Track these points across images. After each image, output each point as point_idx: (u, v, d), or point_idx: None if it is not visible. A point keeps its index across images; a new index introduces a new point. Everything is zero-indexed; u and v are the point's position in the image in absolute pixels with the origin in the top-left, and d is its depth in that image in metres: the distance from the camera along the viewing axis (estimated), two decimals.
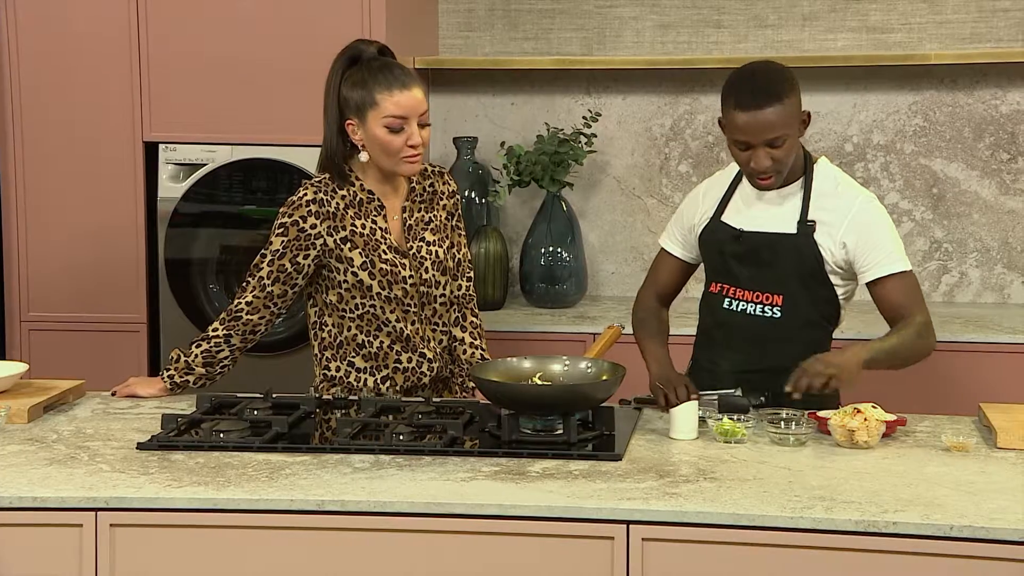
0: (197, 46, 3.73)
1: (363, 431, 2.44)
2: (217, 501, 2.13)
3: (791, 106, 2.54)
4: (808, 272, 2.63)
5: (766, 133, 2.52)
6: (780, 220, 2.64)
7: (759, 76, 2.59)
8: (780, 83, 2.55)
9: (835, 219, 2.61)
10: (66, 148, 3.80)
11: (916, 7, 4.01)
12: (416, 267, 2.70)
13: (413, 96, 2.63)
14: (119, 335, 3.82)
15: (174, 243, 3.79)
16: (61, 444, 2.43)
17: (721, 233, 2.69)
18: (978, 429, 2.53)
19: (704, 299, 2.77)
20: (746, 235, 2.64)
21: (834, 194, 2.64)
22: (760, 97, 2.52)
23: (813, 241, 2.61)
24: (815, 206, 2.62)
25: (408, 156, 2.63)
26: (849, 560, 2.02)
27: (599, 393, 2.46)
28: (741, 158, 2.58)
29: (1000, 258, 4.07)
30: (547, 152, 3.96)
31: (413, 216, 2.74)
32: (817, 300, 2.66)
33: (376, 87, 2.62)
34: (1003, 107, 4.01)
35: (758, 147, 2.54)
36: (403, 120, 2.61)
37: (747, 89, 2.55)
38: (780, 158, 2.56)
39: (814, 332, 2.70)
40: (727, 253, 2.67)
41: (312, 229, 2.66)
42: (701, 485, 2.16)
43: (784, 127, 2.53)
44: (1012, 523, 1.98)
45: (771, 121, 2.51)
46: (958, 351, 3.53)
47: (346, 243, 2.66)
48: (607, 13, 4.15)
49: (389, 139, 2.62)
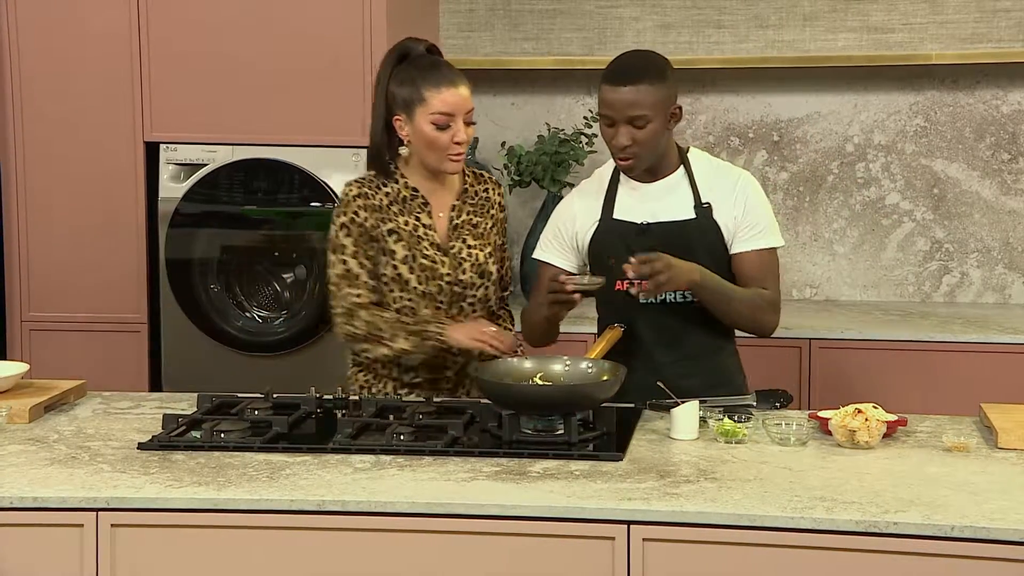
0: (198, 46, 3.73)
1: (364, 431, 2.44)
2: (217, 501, 2.13)
3: (657, 92, 2.61)
4: (714, 252, 2.70)
5: (628, 110, 2.59)
6: (676, 208, 2.70)
7: (632, 58, 2.70)
8: (650, 68, 2.64)
9: (725, 196, 2.70)
10: (67, 148, 3.80)
11: (917, 7, 4.01)
12: (455, 266, 2.74)
13: (460, 94, 2.67)
14: (120, 335, 3.82)
15: (175, 243, 3.79)
16: (62, 444, 2.43)
17: (620, 230, 2.71)
18: (979, 429, 2.53)
19: (609, 302, 2.74)
20: (651, 226, 2.69)
21: (717, 175, 2.73)
22: (627, 75, 2.61)
23: (713, 221, 2.69)
24: (703, 189, 2.70)
25: (453, 153, 2.68)
26: (850, 560, 2.02)
27: (600, 393, 2.46)
28: (605, 135, 2.66)
29: (1001, 258, 4.07)
30: (548, 152, 3.96)
31: (461, 216, 2.78)
32: (725, 276, 2.72)
33: (424, 84, 2.66)
34: (1004, 107, 4.01)
35: (620, 124, 2.61)
36: (450, 117, 2.66)
37: (618, 67, 2.64)
38: (640, 140, 2.62)
39: None
40: (634, 247, 2.67)
41: (365, 222, 2.71)
42: (702, 485, 2.16)
43: (647, 108, 2.59)
44: (1013, 523, 1.98)
45: (633, 99, 2.59)
46: (959, 351, 3.53)
47: (391, 235, 2.71)
48: (608, 13, 4.15)
49: (435, 136, 2.66)
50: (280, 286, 3.85)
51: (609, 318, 2.75)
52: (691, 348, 2.71)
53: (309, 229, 3.79)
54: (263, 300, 3.85)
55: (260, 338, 3.81)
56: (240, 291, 3.83)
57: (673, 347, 2.71)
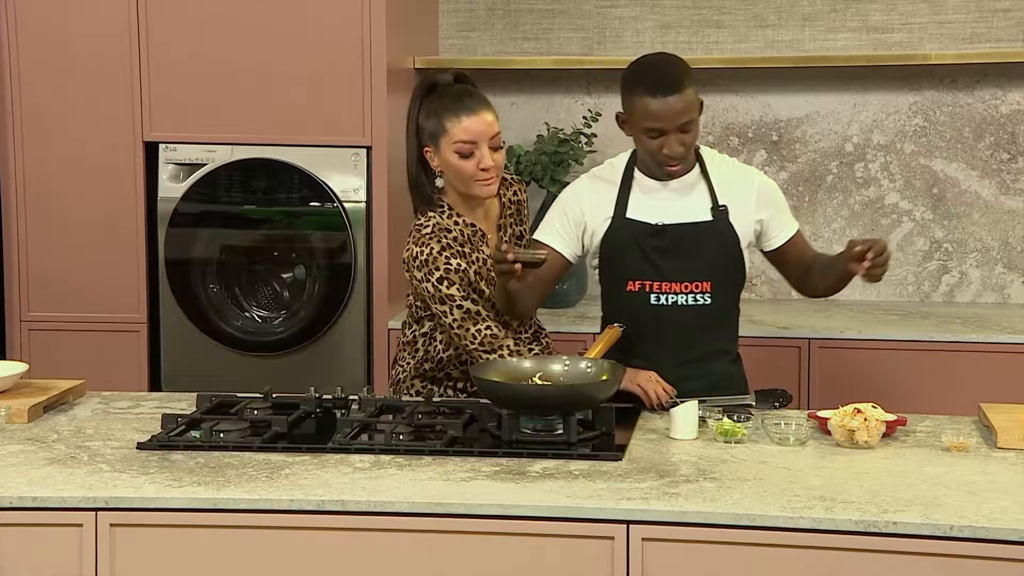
0: (197, 46, 3.73)
1: (363, 431, 2.44)
2: (217, 501, 2.12)
3: (694, 92, 2.64)
4: (729, 255, 2.71)
5: (679, 118, 2.60)
6: (693, 210, 2.70)
7: (664, 65, 2.69)
8: (684, 71, 2.66)
9: (743, 200, 2.71)
10: (66, 148, 3.80)
11: (916, 7, 4.01)
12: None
13: (482, 120, 2.68)
14: (119, 335, 3.82)
15: (174, 243, 3.79)
16: (61, 444, 2.43)
17: (635, 230, 2.70)
18: (978, 429, 2.53)
19: (621, 299, 2.74)
20: (667, 228, 2.68)
21: (734, 177, 2.74)
22: (670, 84, 2.61)
23: (729, 224, 2.70)
24: (720, 191, 2.71)
25: (481, 179, 2.70)
26: (849, 560, 2.02)
27: (599, 393, 2.46)
28: (652, 146, 2.64)
29: (1000, 258, 4.07)
30: (547, 152, 3.96)
31: (507, 232, 2.81)
32: (736, 281, 2.75)
33: (445, 114, 2.69)
34: (1003, 107, 4.01)
35: (671, 133, 2.61)
36: (473, 145, 2.67)
37: (657, 78, 2.63)
38: (689, 143, 2.65)
39: (734, 314, 2.80)
40: (646, 248, 2.69)
41: (458, 268, 2.69)
42: (701, 485, 2.16)
43: (692, 111, 2.63)
44: (1012, 523, 1.98)
45: (682, 106, 2.60)
46: (958, 351, 3.53)
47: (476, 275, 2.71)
48: (607, 13, 4.15)
49: (460, 164, 2.68)
50: (279, 286, 3.85)
51: (613, 318, 2.76)
52: (694, 352, 2.71)
53: (308, 229, 3.79)
54: (262, 300, 3.85)
55: (259, 338, 3.81)
56: (239, 291, 3.83)
57: (676, 350, 2.70)
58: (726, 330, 2.76)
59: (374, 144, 3.72)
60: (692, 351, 2.70)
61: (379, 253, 3.73)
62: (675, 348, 2.70)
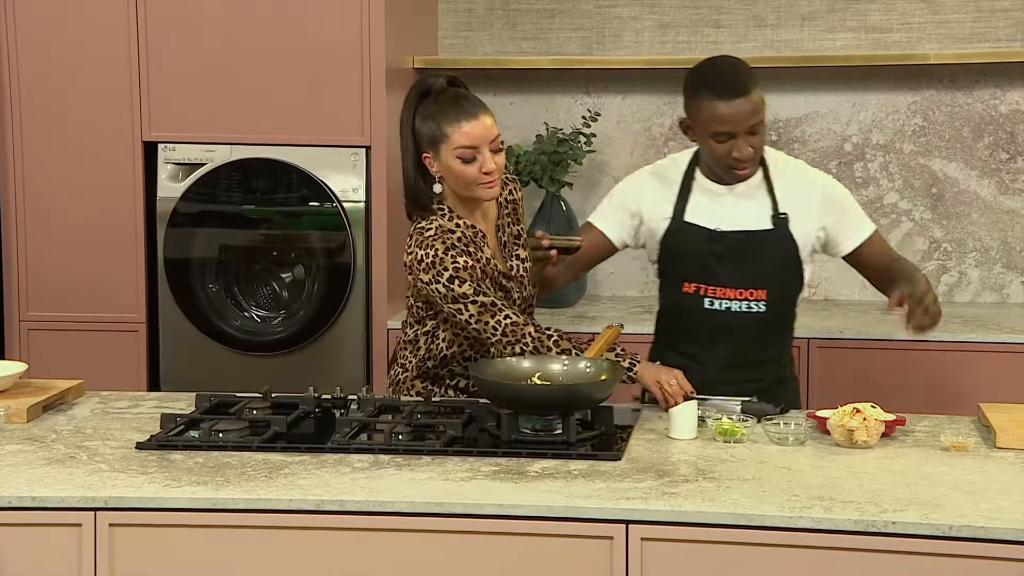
0: (196, 46, 3.73)
1: (362, 431, 2.44)
2: (216, 501, 2.12)
3: (759, 93, 2.62)
4: (787, 264, 2.69)
5: (748, 120, 2.58)
6: (753, 217, 2.68)
7: (730, 67, 2.66)
8: (749, 72, 2.64)
9: (805, 208, 2.68)
10: (65, 148, 3.80)
11: (915, 7, 4.02)
12: (520, 287, 2.76)
13: (482, 124, 2.65)
14: (118, 335, 3.82)
15: (173, 243, 3.79)
16: (60, 444, 2.43)
17: (693, 235, 2.70)
18: (977, 429, 2.53)
19: (676, 299, 2.75)
20: (725, 235, 2.67)
21: (798, 183, 2.70)
22: (738, 87, 2.59)
23: (789, 233, 2.67)
24: (783, 198, 2.68)
25: (484, 183, 2.68)
26: (848, 560, 2.02)
27: (598, 393, 2.46)
28: (721, 150, 2.61)
29: (999, 258, 4.07)
30: (546, 152, 3.96)
31: (505, 232, 2.80)
32: (793, 289, 2.74)
33: (444, 120, 2.65)
34: (1002, 107, 4.01)
35: (740, 136, 2.58)
36: (474, 150, 2.65)
37: (724, 80, 2.61)
38: (758, 145, 2.63)
39: (790, 320, 2.80)
40: (704, 253, 2.68)
41: (465, 265, 2.64)
42: (700, 485, 2.16)
43: (761, 113, 2.61)
44: (1011, 523, 1.98)
45: (752, 109, 2.58)
46: (957, 351, 3.53)
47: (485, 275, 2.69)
48: (606, 13, 4.15)
49: (462, 169, 2.66)
50: (278, 286, 3.85)
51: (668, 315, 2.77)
52: (744, 358, 2.70)
53: (308, 229, 3.79)
54: (261, 300, 3.85)
55: (258, 338, 3.81)
56: (238, 291, 3.83)
57: (726, 355, 2.69)
58: (779, 336, 2.74)
59: (373, 144, 3.71)
60: (742, 357, 2.70)
61: (378, 253, 3.73)
62: (725, 353, 2.69)
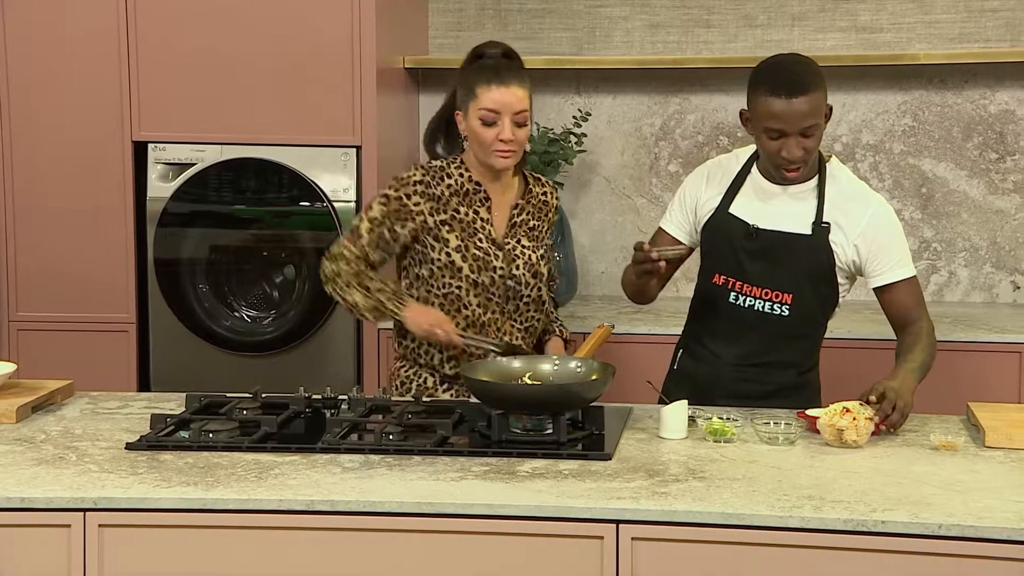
0: (187, 45, 3.72)
1: (353, 431, 2.44)
2: (206, 501, 2.12)
3: (821, 96, 2.57)
4: (819, 273, 2.65)
5: (802, 121, 2.54)
6: (794, 220, 2.64)
7: (793, 65, 2.63)
8: (812, 73, 2.60)
9: (850, 223, 2.63)
10: (55, 147, 3.79)
11: (905, 7, 4.02)
12: (509, 261, 2.77)
13: (511, 93, 2.70)
14: (108, 335, 3.81)
15: (163, 243, 3.78)
16: (49, 444, 2.42)
17: (731, 226, 2.68)
18: (966, 428, 2.53)
19: (704, 289, 2.75)
20: (761, 233, 2.64)
21: (849, 197, 2.65)
22: (797, 85, 2.55)
23: (827, 243, 2.63)
24: (830, 208, 2.64)
25: (499, 150, 2.70)
26: (838, 559, 2.03)
27: (589, 393, 2.46)
28: (771, 147, 2.58)
29: (989, 257, 4.08)
30: (537, 152, 3.96)
31: (522, 216, 2.82)
32: (823, 300, 2.69)
33: (478, 81, 2.72)
34: (992, 107, 4.03)
35: (791, 136, 2.55)
36: (496, 115, 2.69)
37: (784, 78, 2.58)
38: (811, 148, 2.58)
39: (815, 330, 2.75)
40: (738, 247, 2.66)
41: (415, 206, 2.73)
42: (690, 484, 2.16)
43: (816, 116, 2.56)
44: (1000, 522, 1.99)
45: (806, 109, 2.54)
46: (947, 350, 3.51)
47: (445, 225, 2.74)
48: (597, 13, 4.15)
49: (481, 131, 2.71)
50: (269, 286, 3.85)
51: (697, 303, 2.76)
52: (760, 358, 2.68)
53: (298, 229, 3.79)
54: (252, 300, 3.85)
55: (249, 338, 3.80)
56: (229, 291, 3.82)
57: (742, 352, 2.68)
58: (801, 344, 2.70)
59: (364, 144, 3.71)
60: (758, 357, 2.68)
61: None
62: (742, 350, 2.68)
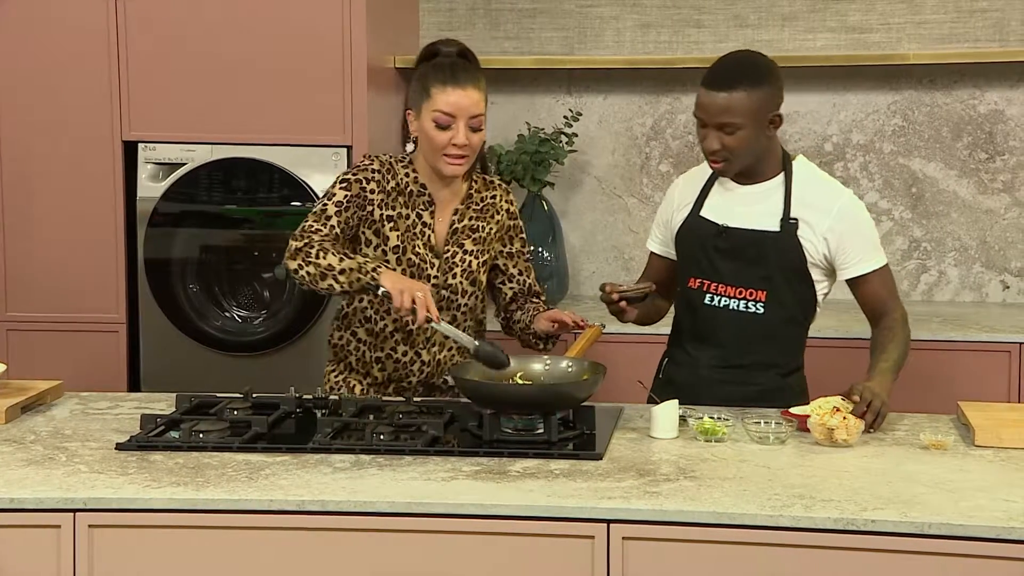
0: (177, 45, 3.71)
1: (344, 431, 2.44)
2: (196, 501, 2.12)
3: (753, 99, 2.55)
4: (791, 269, 2.65)
5: (718, 115, 2.55)
6: (762, 217, 2.65)
7: (735, 62, 2.64)
8: (748, 73, 2.58)
9: (818, 218, 2.63)
10: (45, 147, 3.78)
11: (895, 7, 4.03)
12: (445, 270, 2.72)
13: (467, 96, 2.63)
14: (98, 335, 3.80)
15: (153, 243, 3.77)
16: (39, 445, 2.41)
17: (702, 228, 2.69)
18: (956, 427, 2.54)
19: (682, 295, 2.76)
20: (730, 231, 2.65)
21: (816, 192, 2.66)
22: (723, 80, 2.56)
23: (796, 239, 2.63)
24: (796, 204, 2.64)
25: (449, 155, 2.64)
26: (828, 558, 2.03)
27: (580, 392, 2.46)
28: (699, 134, 2.63)
29: (978, 257, 4.09)
30: (528, 151, 3.96)
31: (462, 221, 2.75)
32: (798, 296, 2.68)
33: (433, 81, 2.64)
34: (981, 107, 4.04)
35: (710, 127, 2.57)
36: (451, 118, 2.62)
37: (716, 69, 2.60)
38: (730, 146, 2.57)
39: (794, 328, 2.73)
40: (709, 248, 2.67)
41: (371, 194, 2.68)
42: (681, 484, 2.17)
43: (737, 116, 2.54)
44: (989, 521, 1.99)
45: (723, 105, 2.54)
46: (937, 350, 3.54)
47: (390, 221, 2.69)
48: (588, 12, 4.16)
49: (434, 134, 2.63)
50: (260, 286, 3.84)
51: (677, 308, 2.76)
52: (738, 359, 2.67)
53: (289, 228, 3.72)
54: (243, 300, 3.84)
55: (240, 338, 3.80)
56: (219, 291, 3.82)
57: (721, 353, 2.68)
58: (780, 343, 2.69)
59: (354, 143, 3.71)
60: (737, 358, 2.67)
61: None
62: (720, 351, 2.68)
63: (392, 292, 2.52)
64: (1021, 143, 4.02)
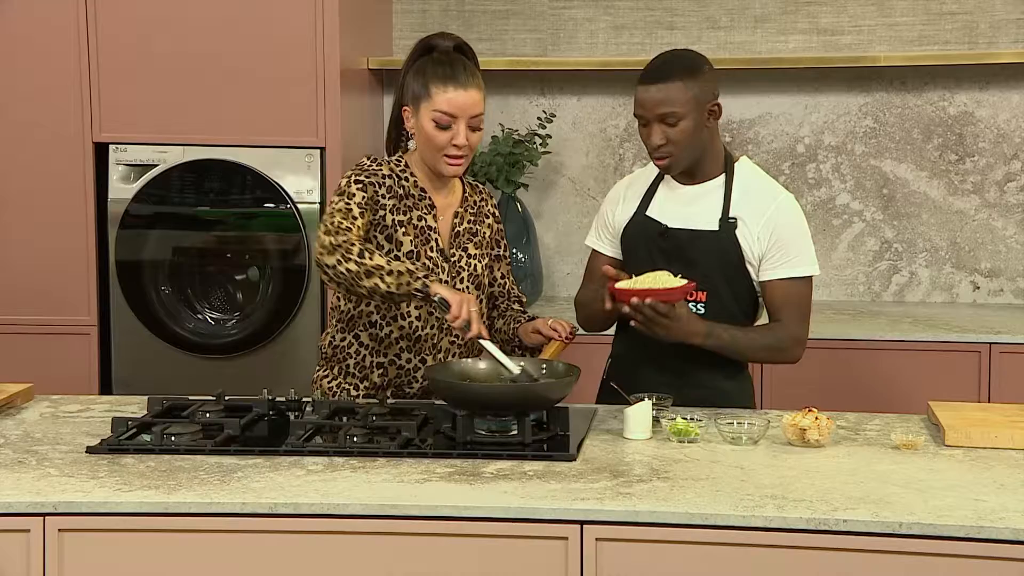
0: (148, 46, 3.69)
1: (317, 433, 2.43)
2: (168, 505, 2.10)
3: (689, 88, 2.58)
4: (730, 268, 2.66)
5: (656, 108, 2.58)
6: (702, 217, 2.67)
7: (666, 56, 2.68)
8: (681, 66, 2.61)
9: (755, 216, 2.64)
10: (14, 148, 3.75)
11: (866, 10, 4.06)
12: (453, 275, 2.69)
13: (468, 96, 2.61)
14: (69, 338, 3.78)
15: (125, 245, 3.75)
16: (8, 448, 2.39)
17: (646, 228, 2.70)
18: (927, 427, 2.56)
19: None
20: (671, 232, 2.67)
21: (756, 192, 2.67)
22: (657, 73, 2.60)
23: (734, 237, 2.64)
24: (736, 203, 2.65)
25: (451, 155, 2.62)
26: (800, 558, 2.04)
27: (554, 394, 2.46)
28: (642, 135, 2.65)
29: (949, 258, 4.12)
30: (502, 153, 3.96)
31: (463, 224, 2.73)
32: (739, 295, 2.69)
33: (433, 80, 2.61)
34: (951, 109, 4.07)
35: (652, 123, 2.60)
36: (452, 118, 2.60)
37: (648, 67, 2.64)
38: (673, 138, 2.59)
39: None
40: (653, 248, 2.68)
41: (383, 198, 2.64)
42: (654, 485, 2.17)
43: (677, 106, 2.57)
44: (960, 519, 2.01)
45: (662, 97, 2.57)
46: (908, 350, 3.57)
47: (402, 227, 2.64)
48: (561, 14, 4.16)
49: (434, 134, 2.61)
50: (232, 288, 3.82)
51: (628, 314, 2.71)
52: (684, 362, 2.65)
53: (262, 230, 3.77)
54: (215, 302, 3.82)
55: (212, 340, 3.78)
56: (192, 293, 3.80)
57: (666, 355, 2.65)
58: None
59: (328, 145, 3.70)
60: (682, 360, 2.65)
61: None
62: (666, 353, 2.65)
63: (452, 302, 2.46)
64: (991, 145, 4.06)
